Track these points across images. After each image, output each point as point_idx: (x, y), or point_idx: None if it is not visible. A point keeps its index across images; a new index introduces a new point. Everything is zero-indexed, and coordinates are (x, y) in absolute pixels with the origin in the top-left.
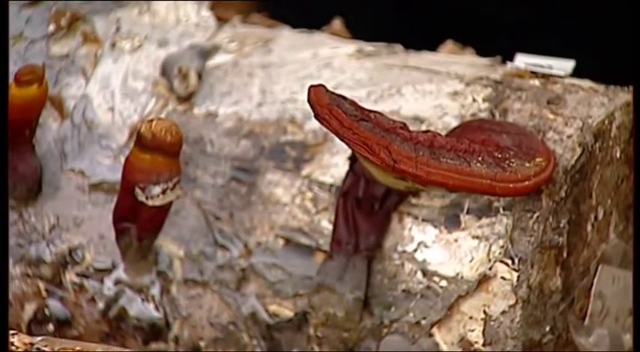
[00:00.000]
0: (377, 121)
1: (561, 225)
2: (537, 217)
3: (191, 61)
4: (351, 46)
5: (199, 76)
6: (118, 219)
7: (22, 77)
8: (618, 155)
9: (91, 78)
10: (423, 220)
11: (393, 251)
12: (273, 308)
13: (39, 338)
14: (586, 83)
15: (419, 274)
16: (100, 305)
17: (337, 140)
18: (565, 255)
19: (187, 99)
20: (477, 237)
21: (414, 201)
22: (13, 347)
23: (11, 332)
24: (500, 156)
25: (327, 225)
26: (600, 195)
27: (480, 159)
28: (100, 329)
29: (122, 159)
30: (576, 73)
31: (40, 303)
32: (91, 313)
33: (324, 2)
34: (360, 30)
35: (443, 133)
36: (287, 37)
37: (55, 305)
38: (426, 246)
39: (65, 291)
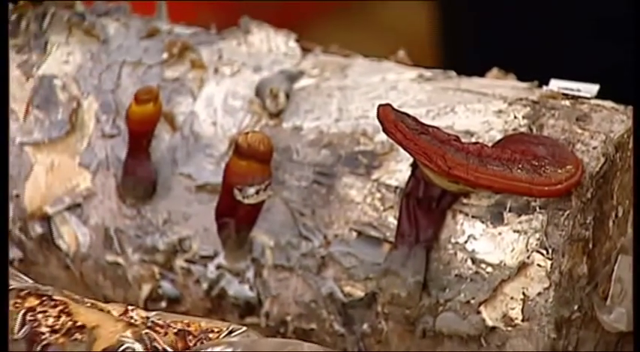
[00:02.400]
0: (434, 134)
1: (587, 222)
2: (568, 215)
3: (280, 84)
4: (413, 72)
5: (287, 97)
6: (219, 215)
7: (141, 96)
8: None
9: (198, 97)
10: (473, 217)
11: (447, 242)
12: (347, 289)
13: (153, 313)
14: (609, 104)
15: (469, 262)
16: (204, 286)
17: (401, 150)
18: (591, 246)
19: (277, 115)
20: (517, 231)
21: (465, 200)
22: (132, 321)
23: (130, 307)
24: (537, 163)
25: (392, 220)
26: (620, 196)
27: (520, 166)
28: (204, 306)
29: (223, 165)
30: (600, 95)
31: (154, 284)
32: (197, 292)
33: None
34: (421, 59)
35: (489, 144)
36: (360, 64)
37: (166, 286)
38: (475, 239)
39: (175, 274)
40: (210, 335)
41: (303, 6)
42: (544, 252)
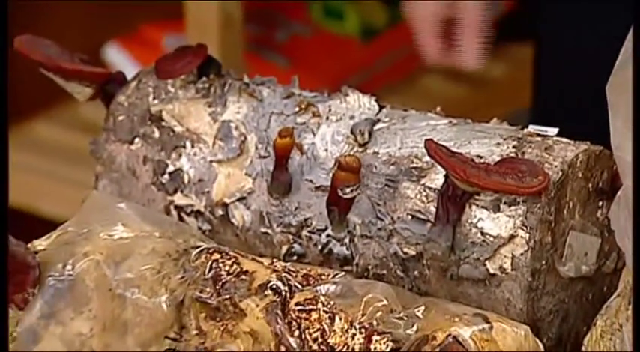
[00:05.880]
0: (459, 157)
1: (551, 210)
2: (539, 206)
3: (366, 127)
4: (446, 120)
5: (370, 134)
6: (328, 205)
7: (282, 133)
8: (580, 175)
9: (316, 134)
10: (482, 207)
11: (466, 222)
12: (405, 249)
13: (288, 264)
14: (564, 139)
15: (479, 234)
16: (319, 247)
17: (439, 166)
18: (553, 225)
19: (364, 145)
20: (508, 216)
21: (477, 197)
22: (275, 268)
23: (275, 260)
24: (521, 175)
25: (432, 209)
26: (570, 195)
27: (511, 176)
28: (319, 260)
29: (331, 175)
30: (559, 134)
31: (289, 246)
32: (314, 251)
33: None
34: (450, 112)
35: (492, 163)
36: (413, 114)
37: (296, 247)
38: (482, 220)
39: (302, 240)
40: (323, 277)
41: (379, 82)
42: (525, 228)
